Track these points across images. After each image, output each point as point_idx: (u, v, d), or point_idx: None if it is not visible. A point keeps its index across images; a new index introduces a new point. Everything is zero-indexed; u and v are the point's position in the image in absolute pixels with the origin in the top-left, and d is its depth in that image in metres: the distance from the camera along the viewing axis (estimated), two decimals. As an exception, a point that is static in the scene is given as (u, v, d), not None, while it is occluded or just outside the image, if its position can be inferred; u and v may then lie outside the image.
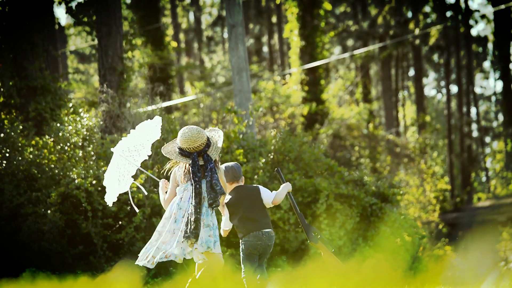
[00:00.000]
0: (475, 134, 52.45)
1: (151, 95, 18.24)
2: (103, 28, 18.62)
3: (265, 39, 52.78)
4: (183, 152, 7.60)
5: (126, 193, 13.60)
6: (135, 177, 8.87)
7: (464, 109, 45.68)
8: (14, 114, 17.18)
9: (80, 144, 14.86)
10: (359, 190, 15.27)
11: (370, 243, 14.49)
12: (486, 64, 57.75)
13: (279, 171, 8.61)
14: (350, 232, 14.46)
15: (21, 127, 15.43)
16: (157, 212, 13.92)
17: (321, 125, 31.03)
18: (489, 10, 45.55)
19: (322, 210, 14.29)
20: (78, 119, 15.17)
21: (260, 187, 8.39)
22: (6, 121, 16.26)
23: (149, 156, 14.41)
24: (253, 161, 14.94)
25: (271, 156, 15.05)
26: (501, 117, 52.95)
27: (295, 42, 31.40)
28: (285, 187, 8.37)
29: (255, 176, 14.49)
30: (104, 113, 16.32)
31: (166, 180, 7.93)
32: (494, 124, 57.64)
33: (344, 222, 14.42)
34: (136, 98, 16.68)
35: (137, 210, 8.63)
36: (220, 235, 7.99)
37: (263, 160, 14.85)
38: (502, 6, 34.77)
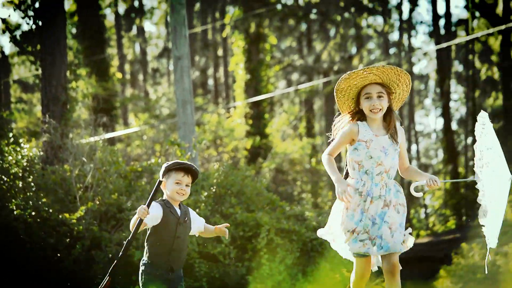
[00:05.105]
0: (415, 170, 52.79)
1: (94, 126, 18.15)
2: (48, 57, 18.47)
3: (210, 71, 52.90)
4: None
5: (68, 224, 13.50)
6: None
7: (406, 146, 46.07)
8: (-46, 142, 16.97)
9: (20, 175, 14.69)
10: (300, 225, 15.29)
11: (309, 278, 14.51)
12: (427, 102, 58.66)
13: None
14: (290, 267, 14.47)
15: (-40, 156, 15.22)
16: (96, 245, 13.77)
17: (264, 159, 31.12)
18: (431, 48, 46.36)
19: (263, 244, 14.29)
20: (18, 149, 15.01)
21: None
22: None
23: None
24: (195, 194, 14.90)
25: (214, 190, 15.04)
26: (440, 154, 53.64)
27: (240, 76, 31.56)
28: None
29: (197, 210, 14.45)
30: (45, 143, 16.16)
31: None
32: (434, 161, 58.31)
33: (285, 257, 14.42)
34: (79, 129, 16.56)
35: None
36: None
37: (205, 194, 14.83)
38: (444, 45, 35.42)
